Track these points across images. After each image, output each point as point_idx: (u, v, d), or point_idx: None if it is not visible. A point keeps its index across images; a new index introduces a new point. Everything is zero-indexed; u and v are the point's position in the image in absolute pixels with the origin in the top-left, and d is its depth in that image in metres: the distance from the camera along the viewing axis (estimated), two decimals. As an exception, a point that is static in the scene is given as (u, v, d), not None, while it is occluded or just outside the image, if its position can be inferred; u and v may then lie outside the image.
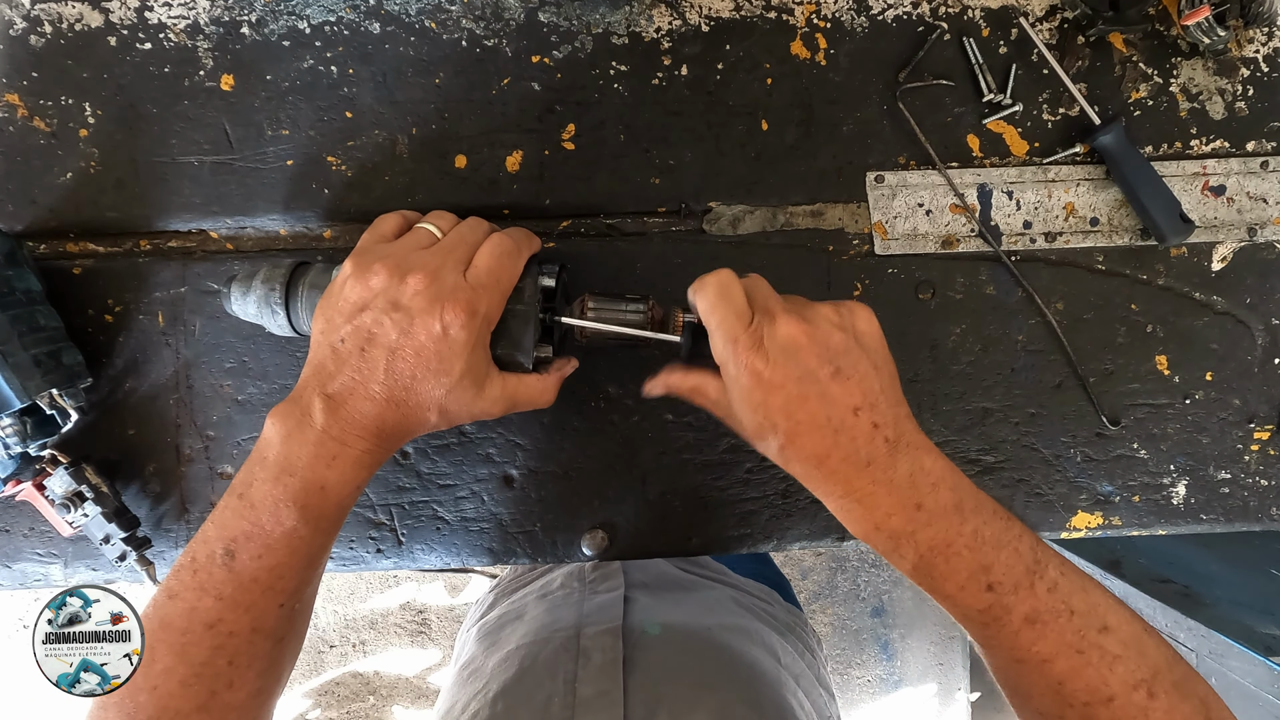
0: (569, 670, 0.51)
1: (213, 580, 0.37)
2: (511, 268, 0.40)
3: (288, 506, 0.37)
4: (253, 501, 0.37)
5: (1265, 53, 0.53)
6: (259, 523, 0.37)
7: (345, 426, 0.37)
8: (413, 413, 0.38)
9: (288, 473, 0.37)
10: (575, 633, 0.55)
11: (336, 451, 0.37)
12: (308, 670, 1.76)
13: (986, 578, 0.35)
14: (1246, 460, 0.54)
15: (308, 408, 0.37)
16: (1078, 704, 0.35)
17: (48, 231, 0.52)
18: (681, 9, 0.52)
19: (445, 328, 0.37)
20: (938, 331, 0.53)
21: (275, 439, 0.37)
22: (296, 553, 0.38)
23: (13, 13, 0.51)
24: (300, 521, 0.37)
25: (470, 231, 0.41)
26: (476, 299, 0.38)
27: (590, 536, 0.53)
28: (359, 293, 0.38)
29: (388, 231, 0.43)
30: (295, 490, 0.37)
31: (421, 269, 0.38)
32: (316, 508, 0.37)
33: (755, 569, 0.75)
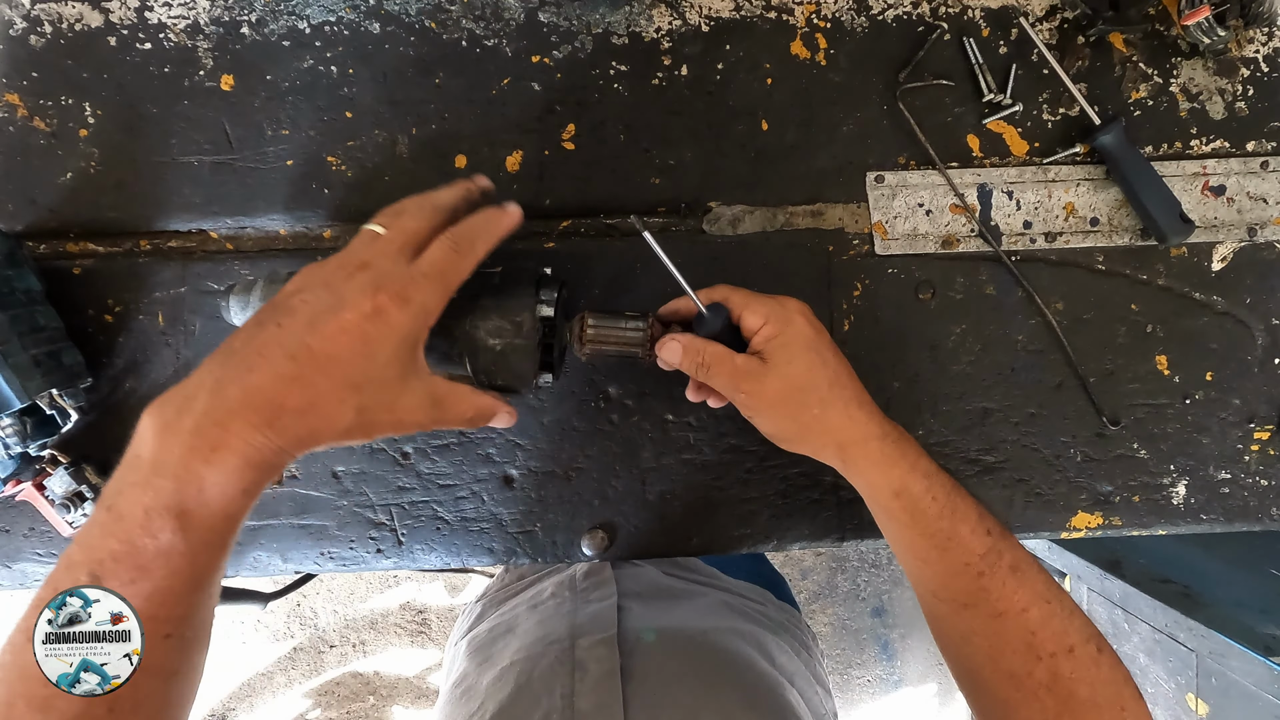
0: (566, 684, 0.50)
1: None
2: (461, 264, 0.36)
3: (161, 516, 0.30)
4: (121, 513, 0.30)
5: (1265, 53, 0.53)
6: (129, 539, 0.30)
7: (232, 408, 0.31)
8: (322, 398, 0.32)
9: (159, 474, 0.30)
10: (570, 644, 0.54)
11: (216, 441, 0.31)
12: (308, 670, 1.76)
13: (985, 522, 0.40)
14: (1246, 460, 0.54)
15: (193, 392, 0.32)
16: (1045, 655, 0.38)
17: (48, 231, 0.52)
18: (681, 9, 0.52)
19: (378, 309, 0.33)
20: (938, 331, 0.53)
21: (148, 434, 0.31)
22: (177, 574, 0.31)
23: (13, 13, 0.51)
24: (176, 534, 0.30)
25: (414, 219, 0.37)
26: (415, 287, 0.34)
27: (590, 536, 0.53)
28: (297, 282, 0.35)
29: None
30: (168, 495, 0.30)
31: (361, 257, 0.35)
32: (196, 516, 0.31)
33: (749, 568, 0.75)
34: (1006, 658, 0.39)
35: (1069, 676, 0.37)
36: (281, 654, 1.75)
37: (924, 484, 0.40)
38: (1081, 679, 0.37)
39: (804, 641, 0.67)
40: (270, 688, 1.75)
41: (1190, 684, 0.96)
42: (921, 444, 0.53)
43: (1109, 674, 0.38)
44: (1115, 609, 1.09)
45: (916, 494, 0.40)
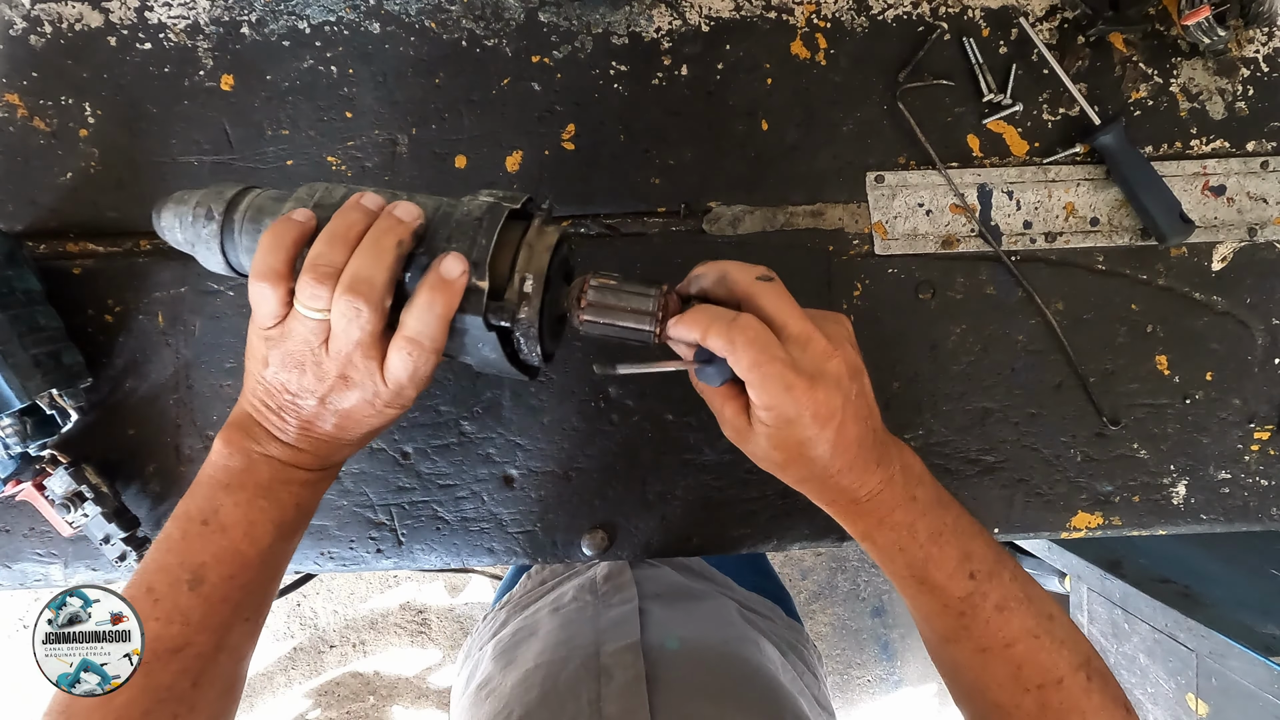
0: (592, 690, 0.50)
1: (178, 607, 0.36)
2: (431, 360, 0.35)
3: (265, 526, 0.38)
4: (223, 525, 0.37)
5: (1265, 53, 0.53)
6: (233, 546, 0.37)
7: (308, 459, 0.38)
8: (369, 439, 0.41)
9: (262, 496, 0.37)
10: (595, 650, 0.54)
11: (304, 478, 0.39)
12: (308, 670, 1.76)
13: (969, 565, 0.38)
14: (1246, 460, 0.54)
15: (265, 446, 0.38)
16: (1033, 687, 0.38)
17: (48, 231, 0.52)
18: (681, 9, 0.52)
19: (380, 412, 0.37)
20: (938, 331, 0.53)
21: (239, 466, 0.38)
22: (268, 566, 0.39)
23: (13, 13, 0.51)
24: (277, 539, 0.38)
25: (359, 328, 0.34)
26: (403, 396, 0.37)
27: (590, 536, 0.53)
28: (283, 381, 0.36)
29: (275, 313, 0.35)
30: (272, 512, 0.38)
31: (336, 369, 0.35)
32: (291, 523, 0.39)
33: (757, 582, 0.75)
34: (993, 690, 0.39)
35: (1057, 707, 0.37)
36: (281, 654, 1.75)
37: (890, 536, 0.39)
38: (1071, 709, 0.37)
39: (809, 663, 0.68)
40: (270, 688, 1.75)
41: (1190, 684, 0.96)
42: (921, 444, 0.53)
43: (1099, 700, 0.38)
44: (1115, 609, 1.09)
45: (882, 545, 0.39)
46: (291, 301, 0.34)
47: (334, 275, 0.33)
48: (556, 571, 0.71)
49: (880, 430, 0.39)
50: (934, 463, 0.54)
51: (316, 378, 0.35)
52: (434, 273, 0.34)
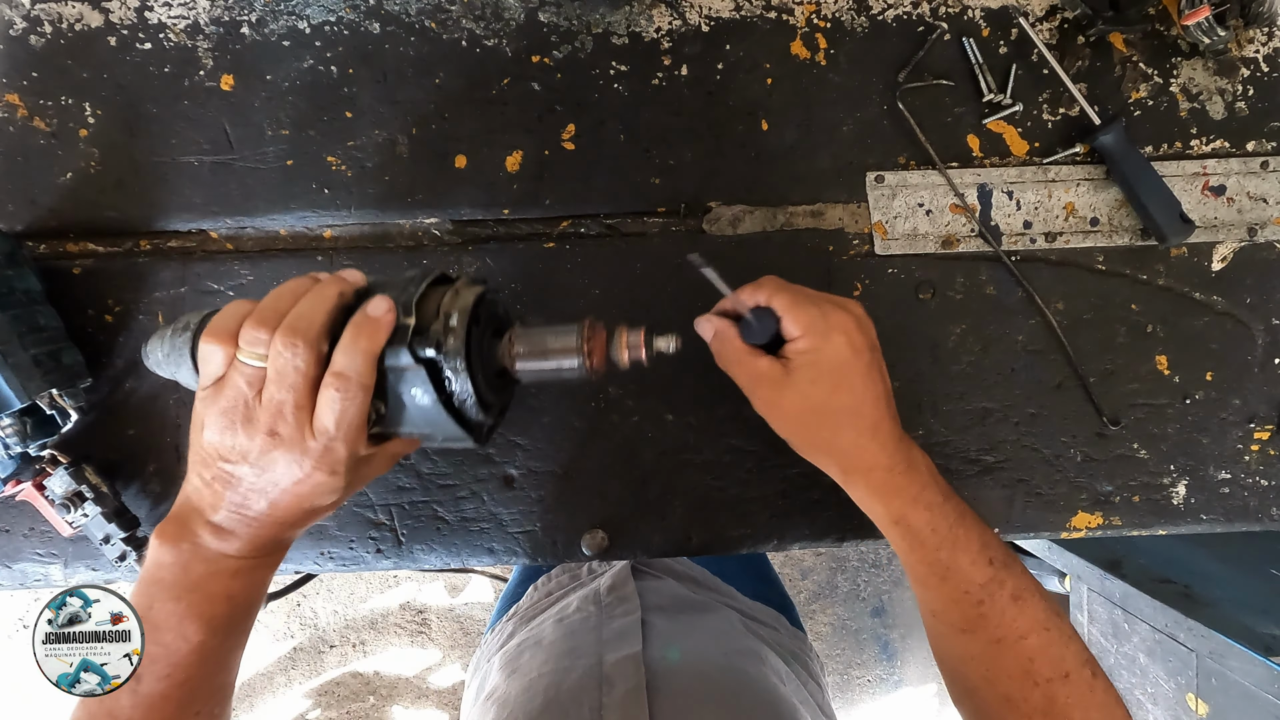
0: (594, 699, 0.51)
1: (120, 707, 0.36)
2: (359, 405, 0.35)
3: (193, 622, 0.36)
4: (155, 623, 0.36)
5: (1265, 53, 0.53)
6: (164, 643, 0.36)
7: (242, 546, 0.37)
8: (309, 522, 0.39)
9: (189, 590, 0.37)
10: (597, 660, 0.55)
11: (237, 566, 0.38)
12: (308, 670, 1.76)
13: (989, 552, 0.40)
14: (1246, 460, 0.54)
15: (196, 533, 0.37)
16: (1042, 681, 0.38)
17: (48, 231, 0.52)
18: (681, 9, 0.52)
19: (310, 475, 0.36)
20: (938, 331, 0.53)
21: (169, 561, 0.37)
22: (207, 662, 0.37)
23: (13, 13, 0.51)
24: (207, 634, 0.37)
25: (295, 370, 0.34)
26: (332, 451, 0.35)
27: (590, 536, 0.53)
28: (218, 444, 0.36)
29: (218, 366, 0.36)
30: (199, 605, 0.37)
31: (264, 423, 0.35)
32: (224, 617, 0.37)
33: (761, 591, 0.75)
34: (1003, 682, 0.39)
35: (1064, 702, 0.38)
36: (281, 654, 1.75)
37: (925, 516, 0.40)
38: (1076, 704, 0.38)
39: (813, 671, 0.68)
40: (270, 688, 1.75)
41: (1190, 684, 0.96)
42: (921, 444, 0.53)
43: (1102, 698, 0.38)
44: (1115, 609, 1.09)
45: (916, 526, 0.40)
46: (231, 361, 0.35)
47: (275, 321, 0.34)
48: (563, 584, 0.72)
49: (898, 420, 0.42)
50: (934, 463, 0.53)
51: (247, 435, 0.35)
52: (360, 311, 0.35)
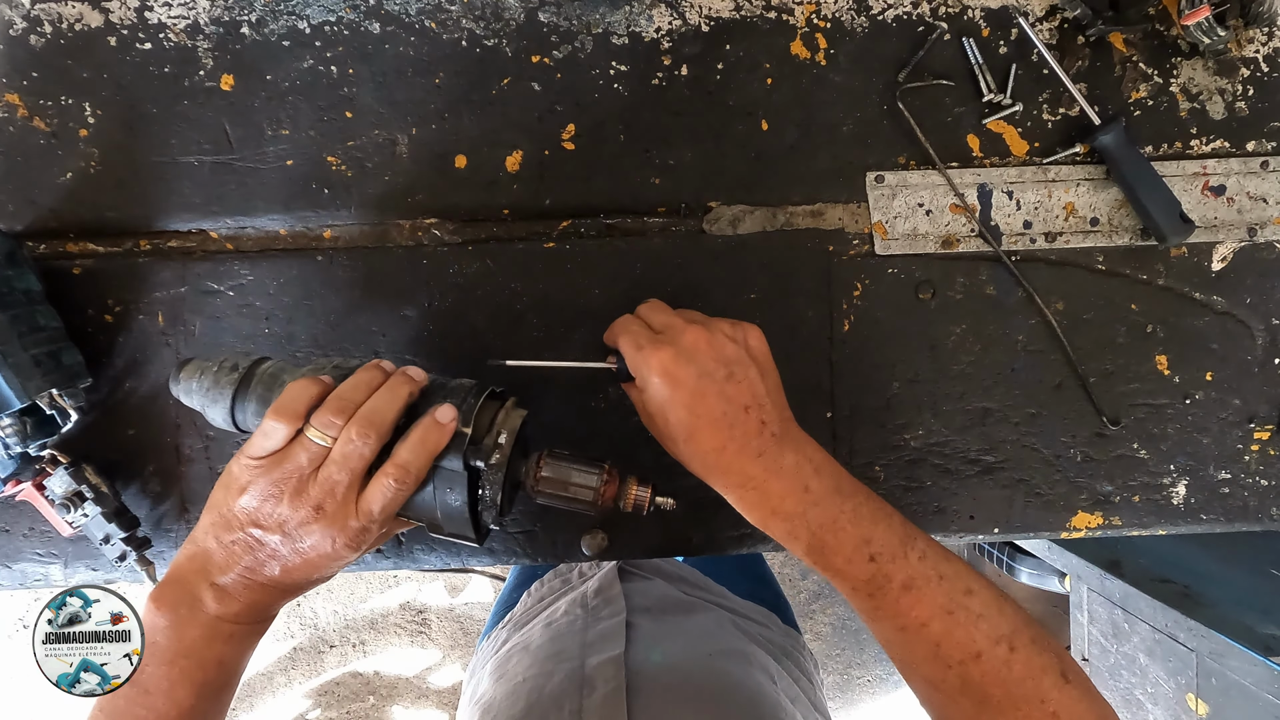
0: (574, 701, 0.51)
1: None
2: (404, 495, 0.39)
3: (184, 687, 0.38)
4: (146, 688, 0.37)
5: (1265, 53, 0.53)
6: (154, 708, 0.37)
7: (240, 610, 0.39)
8: (306, 587, 0.41)
9: (182, 655, 0.38)
10: (580, 663, 0.56)
11: (231, 631, 0.39)
12: (308, 670, 1.76)
13: (869, 549, 0.40)
14: (1246, 460, 0.54)
15: (197, 596, 0.38)
16: (954, 663, 0.39)
17: (48, 231, 0.52)
18: (681, 9, 0.52)
19: (335, 550, 0.38)
20: (938, 331, 0.53)
21: (164, 624, 0.38)
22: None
23: (13, 13, 0.51)
24: (199, 699, 0.38)
25: (359, 453, 0.38)
26: (366, 534, 0.39)
27: (590, 536, 0.53)
28: (252, 512, 0.38)
29: (279, 439, 0.39)
30: (190, 671, 0.38)
31: (313, 499, 0.37)
32: (215, 683, 0.39)
33: (754, 590, 0.75)
34: (919, 665, 0.40)
35: (979, 681, 0.38)
36: (281, 654, 1.75)
37: (784, 526, 0.41)
38: (992, 681, 0.38)
39: (806, 669, 0.68)
40: (270, 688, 1.75)
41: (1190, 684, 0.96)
42: (921, 444, 0.53)
43: (1023, 671, 0.38)
44: (1115, 609, 1.09)
45: (779, 535, 0.41)
46: (291, 440, 0.39)
47: (350, 410, 0.38)
48: (554, 588, 0.72)
49: (775, 423, 0.41)
50: (934, 463, 0.54)
51: (292, 507, 0.37)
52: (430, 415, 0.39)
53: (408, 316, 0.52)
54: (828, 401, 0.53)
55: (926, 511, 0.54)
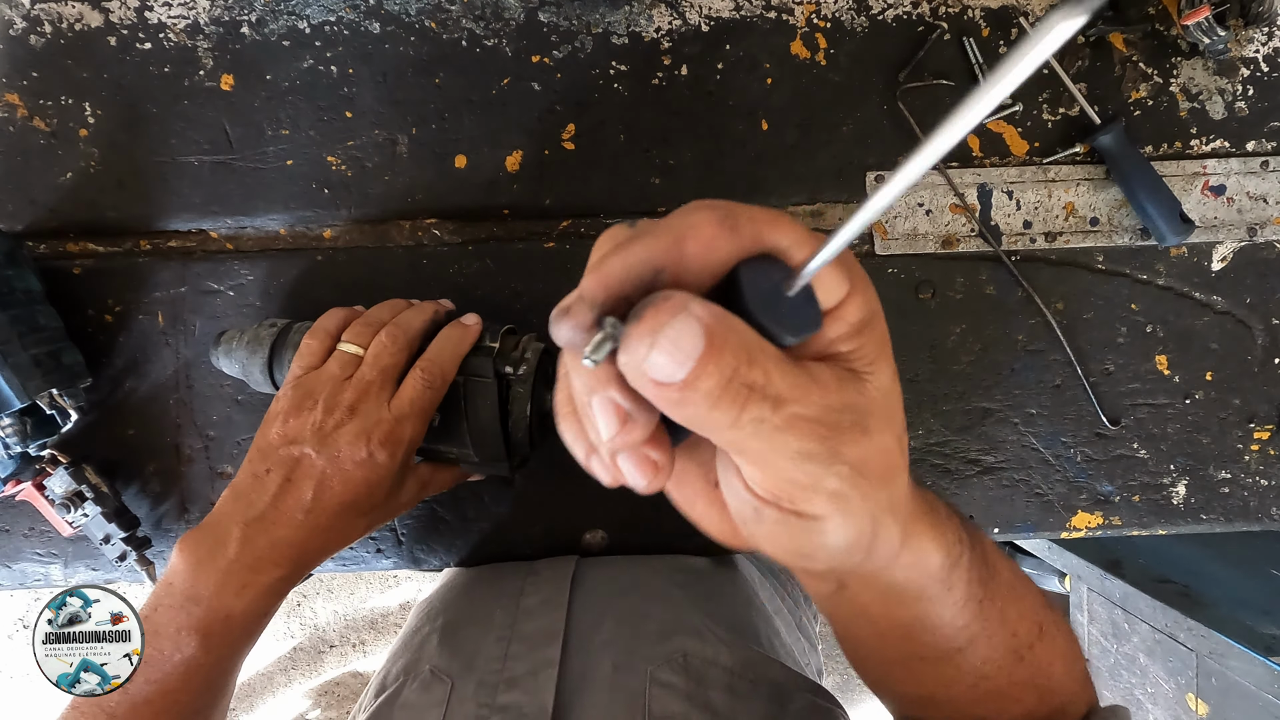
0: (515, 585, 0.49)
1: (108, 703, 0.37)
2: (436, 395, 0.40)
3: (189, 634, 0.37)
4: (155, 627, 0.37)
5: (1265, 53, 0.53)
6: (159, 649, 0.37)
7: (261, 555, 0.38)
8: (337, 536, 0.40)
9: (193, 601, 0.38)
10: (529, 565, 0.52)
11: (247, 580, 0.38)
12: (308, 670, 1.76)
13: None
14: (1246, 460, 0.54)
15: (223, 537, 0.38)
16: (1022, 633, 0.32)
17: (48, 231, 0.52)
18: (681, 9, 0.52)
19: (371, 454, 0.39)
20: (938, 331, 0.53)
21: (183, 567, 0.38)
22: (192, 678, 0.38)
23: (13, 13, 0.50)
24: (200, 650, 0.38)
25: (390, 353, 0.40)
26: (401, 429, 0.39)
27: (590, 536, 0.53)
28: (288, 428, 0.39)
29: (315, 358, 0.42)
30: (198, 619, 0.38)
31: (346, 401, 0.39)
32: (220, 636, 0.38)
33: None
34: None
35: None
36: (281, 654, 1.75)
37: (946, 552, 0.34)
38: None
39: (793, 594, 0.66)
40: (270, 688, 1.75)
41: (1190, 684, 0.96)
42: (921, 444, 0.53)
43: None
44: (1115, 609, 1.09)
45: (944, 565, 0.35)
46: (328, 354, 0.41)
47: (379, 325, 0.41)
48: None
49: None
50: (934, 463, 0.54)
51: (326, 410, 0.39)
52: (455, 321, 0.42)
53: (408, 316, 0.52)
54: (828, 401, 0.53)
55: (926, 511, 0.54)
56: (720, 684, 0.39)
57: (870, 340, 0.22)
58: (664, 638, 0.42)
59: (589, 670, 0.40)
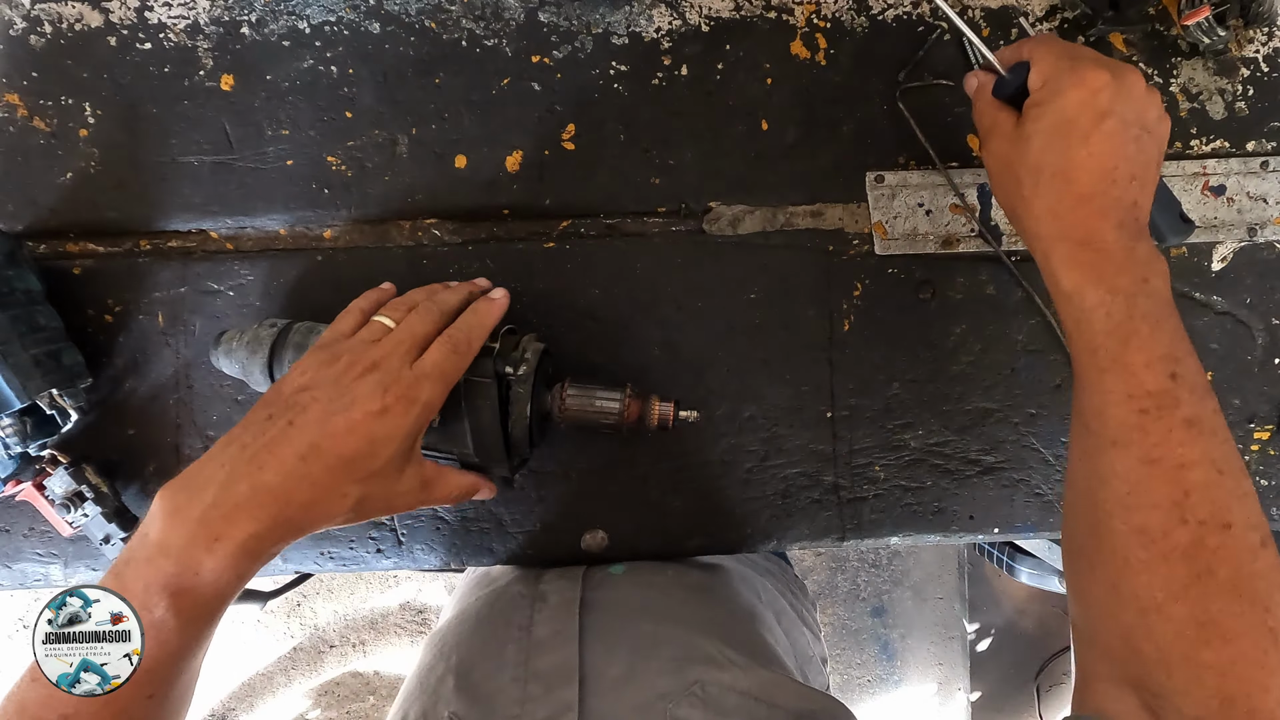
0: (525, 615, 0.47)
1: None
2: (461, 363, 0.40)
3: (158, 593, 0.34)
4: (125, 582, 0.34)
5: (1265, 53, 0.53)
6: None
7: (240, 501, 0.35)
8: (326, 494, 0.36)
9: (163, 554, 0.34)
10: (535, 580, 0.51)
11: (220, 532, 0.34)
12: (308, 670, 1.76)
13: (1174, 366, 0.35)
14: (1246, 460, 0.54)
15: (204, 482, 0.35)
16: (1193, 520, 0.33)
17: (48, 231, 0.52)
18: (681, 9, 0.52)
19: (385, 409, 0.37)
20: (938, 331, 0.53)
21: (158, 515, 0.35)
22: (164, 645, 0.34)
23: (13, 13, 0.51)
24: (169, 612, 0.34)
25: (421, 322, 0.41)
26: (419, 388, 0.38)
27: (590, 536, 0.53)
28: (305, 378, 0.38)
29: (347, 328, 0.42)
30: (168, 575, 0.34)
31: (370, 357, 0.39)
32: (189, 596, 0.34)
33: None
34: (1144, 511, 0.34)
35: (1213, 550, 0.32)
36: (281, 654, 1.75)
37: (1104, 297, 0.36)
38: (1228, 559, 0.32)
39: (790, 586, 0.66)
40: (270, 688, 1.75)
41: (1190, 684, 0.95)
42: (921, 444, 0.53)
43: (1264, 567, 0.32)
44: (1115, 609, 1.08)
45: (1088, 305, 0.36)
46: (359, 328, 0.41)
47: (413, 304, 0.42)
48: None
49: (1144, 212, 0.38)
50: (934, 463, 0.54)
51: (348, 364, 0.38)
52: (484, 297, 0.43)
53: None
54: (828, 401, 0.53)
55: (926, 511, 0.54)
56: (740, 711, 0.39)
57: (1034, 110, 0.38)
58: (679, 668, 0.42)
59: (608, 713, 0.40)
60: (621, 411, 0.44)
